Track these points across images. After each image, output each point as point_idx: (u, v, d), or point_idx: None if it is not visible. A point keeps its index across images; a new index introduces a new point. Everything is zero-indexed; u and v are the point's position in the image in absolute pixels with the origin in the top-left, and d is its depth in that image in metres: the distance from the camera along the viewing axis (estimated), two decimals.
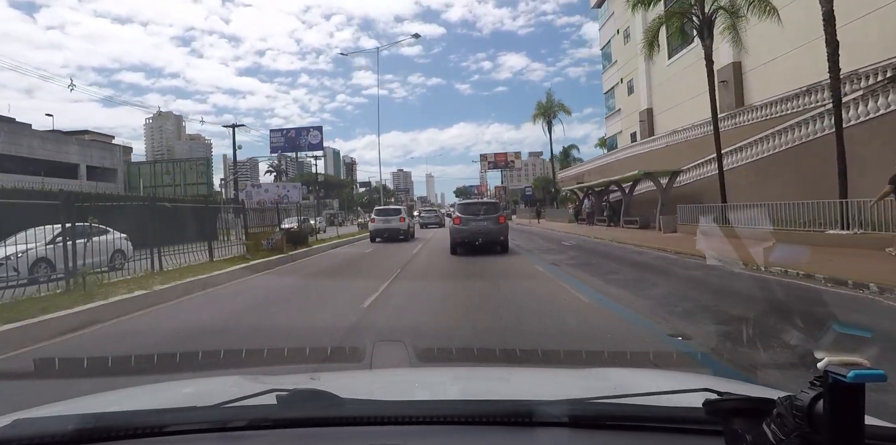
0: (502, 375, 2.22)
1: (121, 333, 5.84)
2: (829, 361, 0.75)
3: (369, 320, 5.85)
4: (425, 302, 7.27)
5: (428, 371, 2.63)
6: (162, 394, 1.74)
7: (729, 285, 8.21)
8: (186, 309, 7.41)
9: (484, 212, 14.40)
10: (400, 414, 1.14)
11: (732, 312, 6.10)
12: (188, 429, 1.11)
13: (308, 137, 50.19)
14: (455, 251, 14.07)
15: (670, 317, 5.78)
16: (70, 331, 5.80)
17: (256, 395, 1.19)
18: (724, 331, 5.10)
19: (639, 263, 11.54)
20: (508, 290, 7.94)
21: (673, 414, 1.09)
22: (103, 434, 1.07)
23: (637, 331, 5.21)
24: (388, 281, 8.95)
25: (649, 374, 2.49)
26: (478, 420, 1.12)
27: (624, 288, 8.01)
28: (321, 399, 1.15)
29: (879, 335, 4.46)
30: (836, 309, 6.14)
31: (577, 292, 7.52)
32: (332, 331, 5.31)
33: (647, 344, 4.69)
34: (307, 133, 50.69)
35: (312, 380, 1.67)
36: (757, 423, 0.84)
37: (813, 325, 4.83)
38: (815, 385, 0.76)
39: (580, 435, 1.09)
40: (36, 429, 1.07)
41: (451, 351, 4.17)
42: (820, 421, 0.74)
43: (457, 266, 11.72)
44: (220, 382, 2.00)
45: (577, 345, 4.55)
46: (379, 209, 23.80)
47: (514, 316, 5.95)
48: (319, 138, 51.16)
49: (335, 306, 7.03)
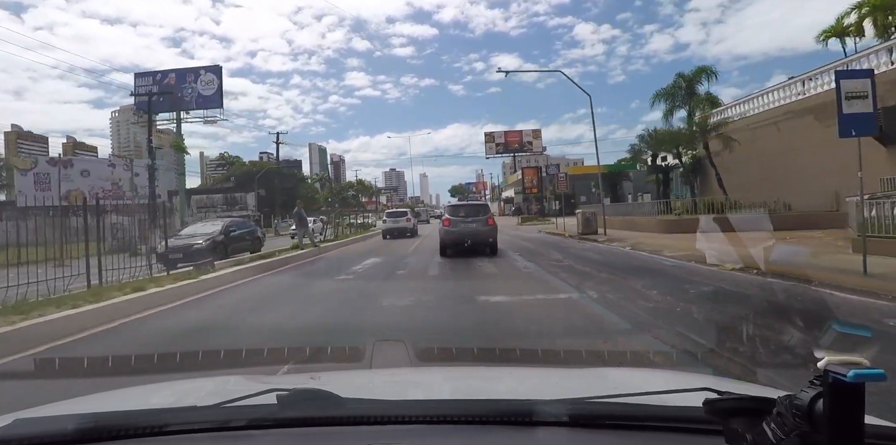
0: (502, 375, 2.22)
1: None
2: (828, 360, 0.74)
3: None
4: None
5: (427, 371, 2.64)
6: (162, 394, 1.74)
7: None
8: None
9: (473, 214, 14.61)
10: (400, 414, 1.14)
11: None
12: (188, 429, 1.11)
13: (198, 85, 30.55)
14: (444, 253, 14.14)
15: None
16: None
17: (256, 395, 1.19)
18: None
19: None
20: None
21: (673, 414, 1.09)
22: (103, 434, 1.07)
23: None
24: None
25: (649, 374, 2.50)
26: (478, 419, 1.12)
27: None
28: (321, 398, 1.15)
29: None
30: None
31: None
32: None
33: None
34: (195, 78, 31.24)
35: (312, 380, 1.67)
36: (757, 422, 0.84)
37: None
38: (815, 384, 0.76)
39: (580, 435, 1.09)
40: (36, 429, 1.07)
41: (451, 350, 4.17)
42: (820, 421, 0.74)
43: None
44: (220, 382, 2.00)
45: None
46: (389, 212, 29.95)
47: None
48: (216, 86, 31.48)
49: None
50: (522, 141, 66.10)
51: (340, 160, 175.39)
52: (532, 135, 68.07)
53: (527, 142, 66.32)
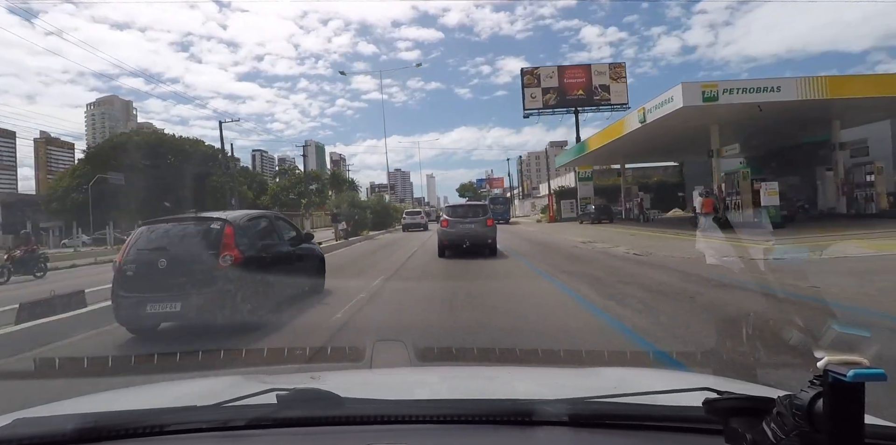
0: (502, 374, 2.22)
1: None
2: (828, 360, 0.74)
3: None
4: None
5: (427, 371, 2.63)
6: (162, 394, 1.74)
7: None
8: None
9: (472, 215, 14.33)
10: (399, 414, 1.14)
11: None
12: (188, 429, 1.11)
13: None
14: (443, 254, 13.89)
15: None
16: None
17: (256, 395, 1.19)
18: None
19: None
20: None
21: (673, 413, 1.09)
22: (103, 434, 1.07)
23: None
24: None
25: (649, 373, 2.49)
26: (477, 419, 1.12)
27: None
28: (321, 398, 1.15)
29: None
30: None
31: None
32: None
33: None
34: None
35: (312, 380, 1.67)
36: (757, 422, 0.84)
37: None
38: (815, 384, 0.76)
39: (580, 434, 1.09)
40: (36, 429, 1.07)
41: (451, 350, 4.17)
42: (820, 420, 0.74)
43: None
44: (220, 382, 2.00)
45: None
46: (407, 211, 39.90)
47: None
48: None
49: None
50: (591, 84, 39.36)
51: (341, 159, 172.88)
52: (610, 73, 39.81)
53: (599, 89, 39.53)
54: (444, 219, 14.39)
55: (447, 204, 25.81)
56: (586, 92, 39.98)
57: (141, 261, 5.87)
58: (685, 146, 25.09)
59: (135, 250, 6.04)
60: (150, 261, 5.79)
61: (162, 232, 6.20)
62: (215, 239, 6.01)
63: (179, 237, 6.14)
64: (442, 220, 14.61)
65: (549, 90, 40.14)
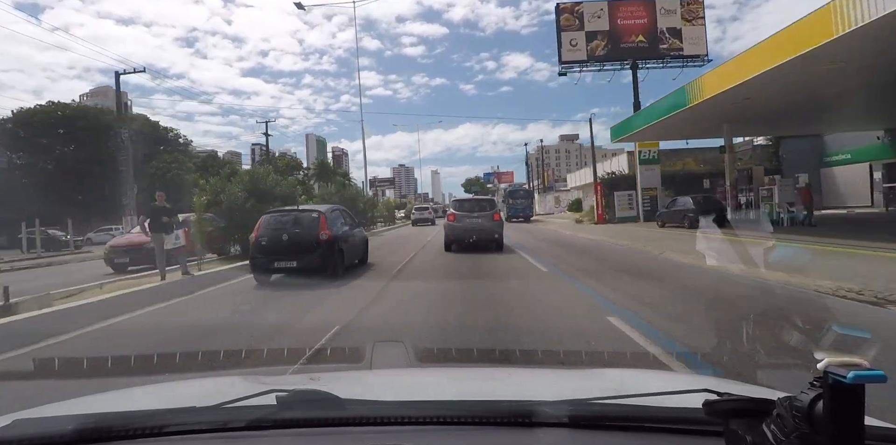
0: (502, 375, 2.22)
1: None
2: (828, 362, 0.74)
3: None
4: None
5: (427, 372, 2.63)
6: (162, 394, 1.74)
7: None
8: None
9: (479, 209, 14.19)
10: (399, 415, 1.14)
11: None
12: (188, 429, 1.11)
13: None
14: (449, 248, 13.85)
15: None
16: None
17: (256, 395, 1.19)
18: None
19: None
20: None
21: (672, 415, 1.09)
22: (103, 434, 1.07)
23: None
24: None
25: (649, 374, 2.49)
26: (478, 420, 1.12)
27: None
28: (321, 399, 1.15)
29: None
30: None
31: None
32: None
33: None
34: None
35: (312, 381, 1.67)
36: (757, 424, 0.84)
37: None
38: (815, 385, 0.76)
39: (580, 436, 1.09)
40: (36, 429, 1.07)
41: (451, 351, 4.16)
42: (820, 422, 0.74)
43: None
44: (219, 382, 2.00)
45: None
46: (417, 207, 45.11)
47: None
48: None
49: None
50: (656, 27, 27.97)
51: (343, 153, 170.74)
52: (683, 11, 28.00)
53: (667, 33, 28.01)
54: (451, 213, 14.24)
55: (453, 198, 24.35)
56: (648, 38, 27.85)
57: (269, 236, 9.62)
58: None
59: (264, 229, 9.76)
60: (276, 236, 9.59)
61: (280, 217, 10.10)
62: (315, 223, 9.74)
63: (293, 221, 9.94)
64: (448, 214, 14.50)
65: (595, 34, 27.74)
